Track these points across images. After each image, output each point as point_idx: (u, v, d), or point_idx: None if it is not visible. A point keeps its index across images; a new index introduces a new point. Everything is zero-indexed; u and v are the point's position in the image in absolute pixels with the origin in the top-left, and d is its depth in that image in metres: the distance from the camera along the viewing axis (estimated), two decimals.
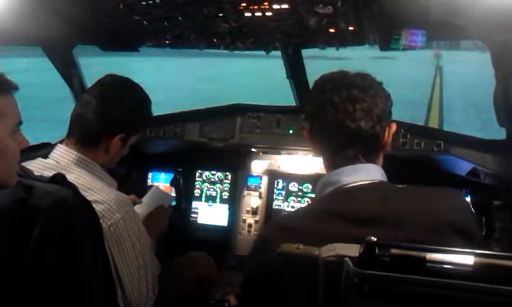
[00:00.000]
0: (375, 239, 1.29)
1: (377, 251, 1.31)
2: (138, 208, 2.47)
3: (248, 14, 2.30)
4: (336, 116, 1.67)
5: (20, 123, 1.69)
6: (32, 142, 1.85)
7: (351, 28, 2.37)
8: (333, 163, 1.73)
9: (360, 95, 1.67)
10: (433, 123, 15.46)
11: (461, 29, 2.24)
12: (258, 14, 2.29)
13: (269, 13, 2.28)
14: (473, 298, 1.25)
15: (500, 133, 2.82)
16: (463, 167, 2.97)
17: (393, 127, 1.76)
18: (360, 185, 1.65)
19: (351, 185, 1.66)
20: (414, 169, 2.97)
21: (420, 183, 1.69)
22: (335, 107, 1.67)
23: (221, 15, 2.34)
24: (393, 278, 1.28)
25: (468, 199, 2.97)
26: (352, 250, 1.36)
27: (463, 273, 1.27)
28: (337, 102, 1.67)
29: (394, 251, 1.31)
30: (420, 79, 25.57)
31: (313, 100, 1.77)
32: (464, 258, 1.28)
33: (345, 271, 1.33)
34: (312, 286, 1.41)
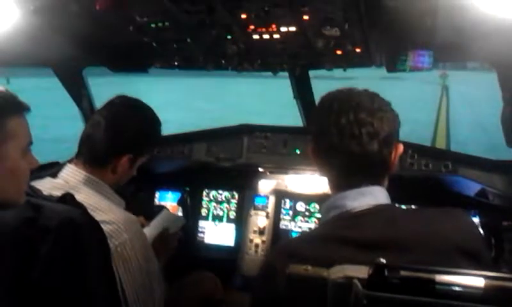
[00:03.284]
0: (384, 261, 1.28)
1: (386, 272, 1.30)
2: (147, 230, 2.46)
3: (255, 36, 2.32)
4: (341, 139, 1.63)
5: (31, 143, 1.71)
6: (40, 161, 1.86)
7: (357, 50, 2.39)
8: (337, 185, 1.71)
9: (367, 119, 1.63)
10: (440, 143, 15.43)
11: (467, 51, 2.25)
12: (266, 36, 2.31)
13: (276, 36, 2.30)
14: None
15: (507, 154, 2.82)
16: (472, 187, 2.96)
17: (400, 149, 1.73)
18: (366, 209, 1.63)
19: (356, 209, 1.64)
20: (422, 189, 2.96)
21: (428, 204, 1.68)
22: (340, 130, 1.63)
23: (229, 37, 2.37)
24: (403, 300, 1.27)
25: (476, 220, 2.94)
26: (361, 272, 1.35)
27: (473, 295, 1.26)
28: (343, 124, 1.63)
29: (403, 272, 1.30)
30: (427, 99, 25.59)
31: (319, 120, 1.72)
32: (475, 280, 1.27)
33: (354, 293, 1.32)
34: None
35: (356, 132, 1.62)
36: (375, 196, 1.66)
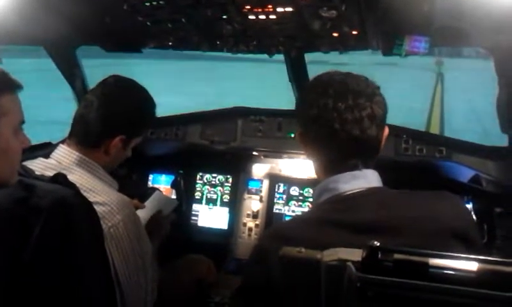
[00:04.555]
0: (378, 244, 1.29)
1: (379, 255, 1.30)
2: (140, 212, 2.45)
3: (251, 17, 2.29)
4: (342, 124, 1.63)
5: (23, 122, 1.69)
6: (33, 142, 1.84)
7: (354, 32, 2.37)
8: (330, 169, 1.71)
9: (366, 103, 1.65)
10: (434, 130, 15.46)
11: (464, 36, 2.23)
12: (262, 17, 2.28)
13: (272, 16, 2.27)
14: (476, 304, 1.24)
15: (500, 142, 2.83)
16: (465, 173, 2.97)
17: (387, 131, 1.75)
18: (358, 192, 1.64)
19: (348, 192, 1.65)
20: (416, 175, 2.96)
21: (422, 190, 1.68)
22: (341, 115, 1.63)
23: (225, 17, 2.33)
24: (396, 283, 1.28)
25: (470, 206, 2.95)
26: (355, 254, 1.35)
27: (466, 279, 1.26)
28: (343, 109, 1.63)
29: (397, 255, 1.30)
30: (422, 86, 25.58)
31: (314, 104, 1.69)
32: (468, 264, 1.28)
33: (347, 275, 1.32)
34: (314, 290, 1.40)
35: (358, 116, 1.63)
36: (367, 179, 1.68)
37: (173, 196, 3.43)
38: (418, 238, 1.48)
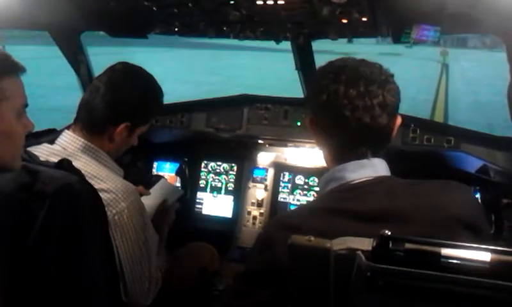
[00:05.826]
0: (389, 233, 1.26)
1: (390, 245, 1.28)
2: (145, 199, 2.44)
3: (259, 2, 2.25)
4: (353, 111, 1.59)
5: (26, 105, 1.67)
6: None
7: (364, 19, 2.32)
8: (338, 157, 1.68)
9: (378, 91, 1.61)
10: (438, 121, 15.39)
11: (476, 23, 2.19)
12: (270, 2, 2.24)
13: (281, 2, 2.23)
14: (488, 295, 1.21)
15: (504, 133, 2.79)
16: (473, 164, 2.94)
17: (399, 121, 1.72)
18: (365, 181, 1.62)
19: (356, 181, 1.62)
20: (423, 164, 2.94)
21: (429, 179, 1.66)
22: (352, 101, 1.59)
23: (232, 2, 2.29)
24: (407, 273, 1.25)
25: (477, 196, 2.93)
26: (365, 244, 1.33)
27: (478, 269, 1.24)
28: (354, 96, 1.60)
29: (408, 245, 1.28)
30: (426, 77, 25.47)
31: (324, 90, 1.65)
32: (481, 254, 1.25)
33: (357, 264, 1.30)
34: (322, 279, 1.38)
35: (369, 103, 1.60)
36: (375, 167, 1.65)
37: (178, 184, 3.42)
38: (426, 227, 1.46)
